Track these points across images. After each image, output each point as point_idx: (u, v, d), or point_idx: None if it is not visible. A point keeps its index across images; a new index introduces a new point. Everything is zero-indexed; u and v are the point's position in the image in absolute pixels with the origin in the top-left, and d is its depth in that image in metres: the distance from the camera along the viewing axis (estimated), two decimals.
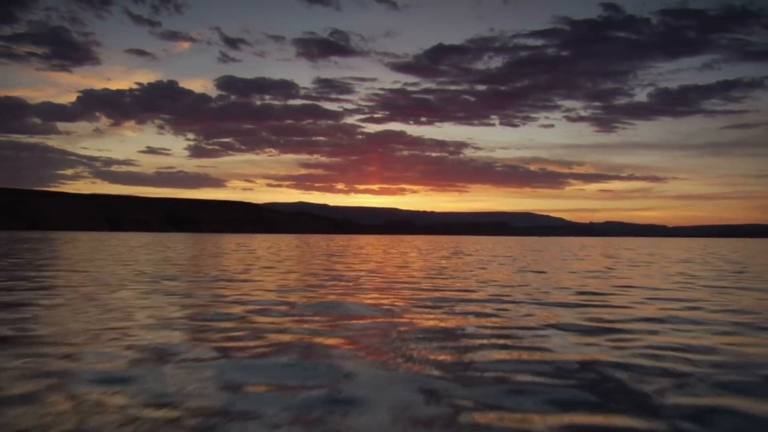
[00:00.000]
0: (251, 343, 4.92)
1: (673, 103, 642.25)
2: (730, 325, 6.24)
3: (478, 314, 6.83)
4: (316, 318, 6.42)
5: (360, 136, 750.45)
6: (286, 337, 5.20)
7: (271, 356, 4.46)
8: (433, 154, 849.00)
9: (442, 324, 6.06)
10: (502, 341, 5.19)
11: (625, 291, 9.89)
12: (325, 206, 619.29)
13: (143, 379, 3.74)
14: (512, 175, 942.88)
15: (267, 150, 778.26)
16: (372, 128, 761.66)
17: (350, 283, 10.77)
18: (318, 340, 5.14)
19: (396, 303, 7.87)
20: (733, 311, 7.42)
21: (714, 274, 14.53)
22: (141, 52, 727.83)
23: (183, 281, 10.81)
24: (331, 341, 5.07)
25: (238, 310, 6.97)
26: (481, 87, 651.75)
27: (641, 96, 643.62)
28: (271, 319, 6.25)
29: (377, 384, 3.71)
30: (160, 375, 3.86)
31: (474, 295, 8.86)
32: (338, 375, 3.92)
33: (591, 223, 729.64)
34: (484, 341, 5.15)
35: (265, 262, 17.50)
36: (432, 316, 6.62)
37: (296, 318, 6.39)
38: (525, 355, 4.63)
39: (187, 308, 7.10)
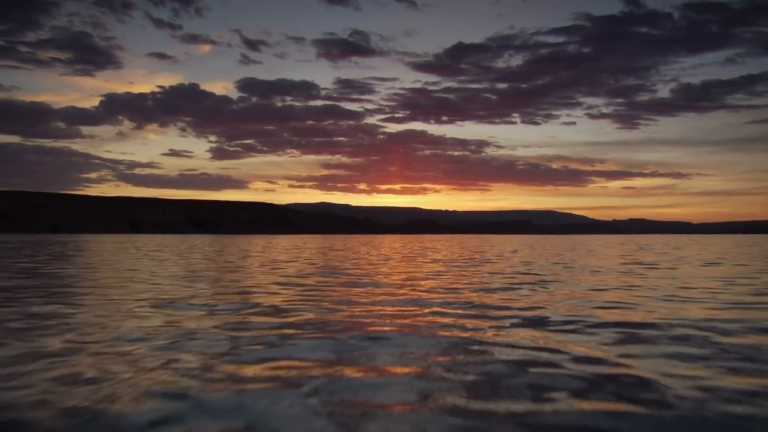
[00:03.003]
0: None
1: (696, 98, 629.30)
2: None
3: None
4: None
5: (381, 136, 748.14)
6: None
7: None
8: (455, 153, 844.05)
9: None
10: None
11: None
12: (347, 206, 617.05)
13: None
14: (534, 173, 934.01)
15: (289, 151, 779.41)
16: (393, 128, 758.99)
17: None
18: None
19: None
20: None
21: None
22: (162, 56, 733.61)
23: None
24: None
25: None
26: (502, 85, 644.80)
27: (664, 92, 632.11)
28: None
29: None
30: None
31: None
32: None
33: (614, 221, 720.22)
34: None
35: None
36: None
37: None
38: None
39: None
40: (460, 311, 6.64)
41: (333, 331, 5.33)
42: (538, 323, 5.82)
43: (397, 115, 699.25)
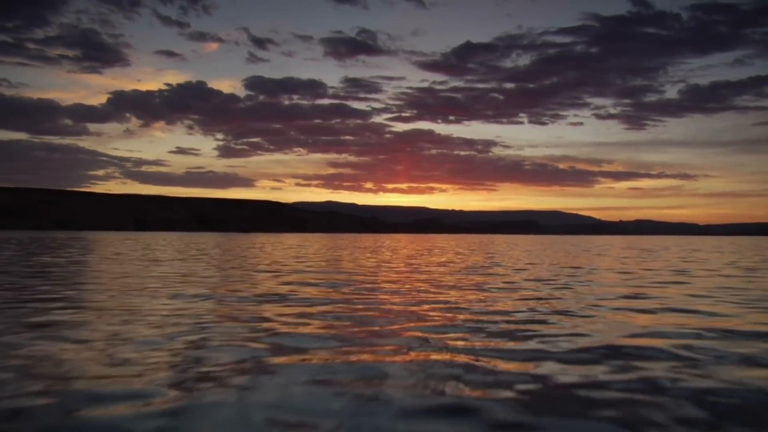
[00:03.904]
0: None
1: (703, 99, 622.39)
2: None
3: None
4: None
5: (388, 135, 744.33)
6: None
7: None
8: (462, 153, 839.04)
9: None
10: None
11: None
12: (353, 205, 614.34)
13: None
14: (541, 173, 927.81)
15: (295, 149, 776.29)
16: (400, 127, 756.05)
17: None
18: None
19: None
20: None
21: None
22: (170, 53, 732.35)
23: None
24: None
25: None
26: (509, 85, 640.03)
27: (671, 93, 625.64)
28: None
29: None
30: None
31: None
32: None
33: (621, 222, 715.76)
34: None
35: None
36: None
37: None
38: None
39: None
40: (501, 344, 4.55)
41: (323, 391, 3.27)
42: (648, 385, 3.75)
43: (404, 115, 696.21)
